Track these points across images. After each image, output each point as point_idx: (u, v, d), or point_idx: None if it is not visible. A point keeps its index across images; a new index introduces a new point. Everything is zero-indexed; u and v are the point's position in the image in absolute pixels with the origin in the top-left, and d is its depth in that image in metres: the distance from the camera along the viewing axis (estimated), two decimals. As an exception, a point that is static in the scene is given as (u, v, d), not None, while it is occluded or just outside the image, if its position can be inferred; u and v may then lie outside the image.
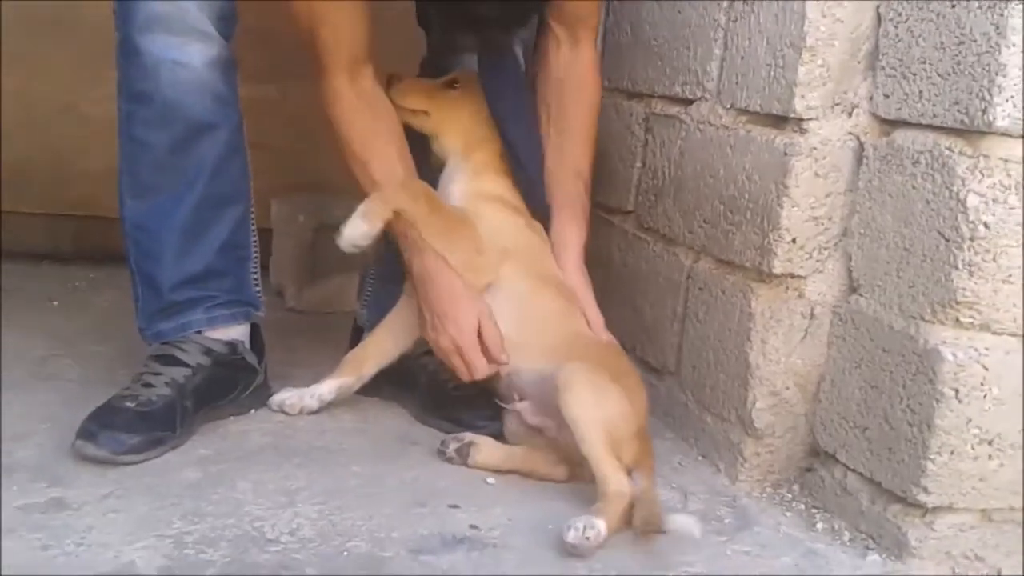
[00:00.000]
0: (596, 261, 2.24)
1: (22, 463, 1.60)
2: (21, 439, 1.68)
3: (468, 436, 1.74)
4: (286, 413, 1.86)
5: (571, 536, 1.46)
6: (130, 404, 1.67)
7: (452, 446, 1.73)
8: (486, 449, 1.73)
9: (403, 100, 1.85)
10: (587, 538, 1.46)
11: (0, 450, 1.62)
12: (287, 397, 1.87)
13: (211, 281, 1.82)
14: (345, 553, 1.43)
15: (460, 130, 1.86)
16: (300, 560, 1.40)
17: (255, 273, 1.91)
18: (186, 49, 1.71)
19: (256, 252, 1.92)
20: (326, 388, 1.87)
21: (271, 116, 1.86)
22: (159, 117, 1.74)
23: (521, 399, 1.74)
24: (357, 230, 1.71)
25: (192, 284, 1.81)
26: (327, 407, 1.89)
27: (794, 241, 1.67)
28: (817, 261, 1.69)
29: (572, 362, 1.64)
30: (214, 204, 1.81)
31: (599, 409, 1.59)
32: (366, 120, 1.77)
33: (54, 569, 1.33)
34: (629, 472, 1.57)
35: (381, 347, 1.88)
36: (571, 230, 1.85)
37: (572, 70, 1.87)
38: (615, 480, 1.54)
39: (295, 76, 1.90)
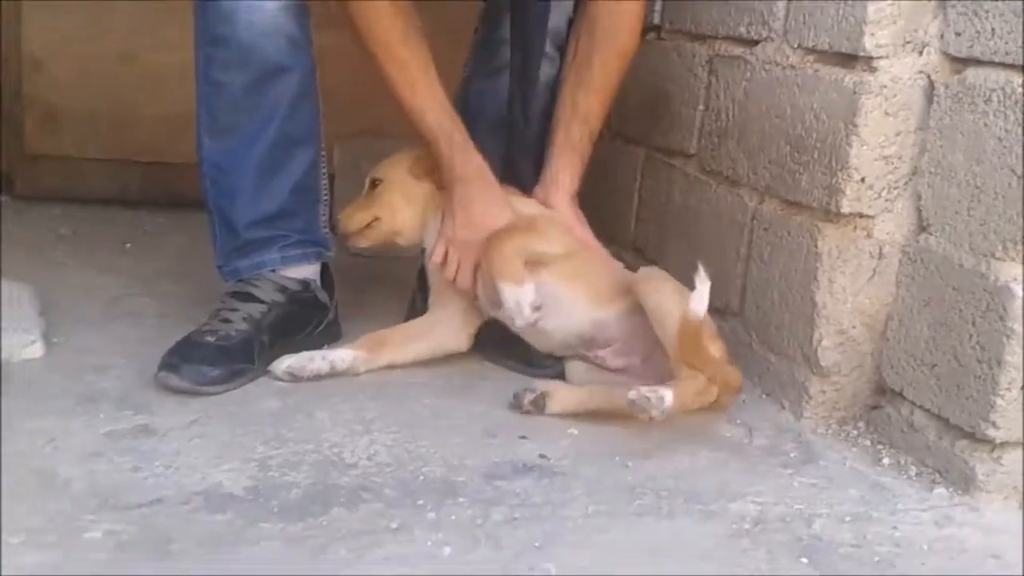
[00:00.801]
0: (657, 205, 2.26)
1: (106, 393, 1.67)
2: (103, 371, 1.75)
3: (540, 386, 1.73)
4: (295, 378, 1.75)
5: (632, 394, 1.54)
6: (210, 338, 1.73)
7: (527, 398, 1.70)
8: (560, 396, 1.71)
9: (350, 225, 1.91)
10: (647, 398, 1.54)
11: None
12: (293, 361, 1.76)
13: (284, 221, 1.87)
14: (421, 477, 1.48)
15: (409, 203, 1.90)
16: (379, 482, 1.45)
17: (325, 215, 1.96)
18: None
19: (326, 195, 1.96)
20: (338, 356, 1.79)
21: (333, 62, 1.89)
22: (236, 59, 1.78)
23: (605, 347, 1.78)
24: (519, 295, 1.74)
25: (266, 223, 1.86)
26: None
27: (863, 180, 1.67)
28: (886, 200, 1.69)
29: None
30: (287, 145, 1.85)
31: (678, 296, 1.65)
32: (406, 26, 1.78)
33: (145, 489, 1.39)
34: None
35: (399, 346, 1.85)
36: (565, 176, 1.89)
37: (608, 17, 1.87)
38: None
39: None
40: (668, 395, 1.54)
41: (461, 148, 1.83)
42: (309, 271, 1.91)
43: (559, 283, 1.80)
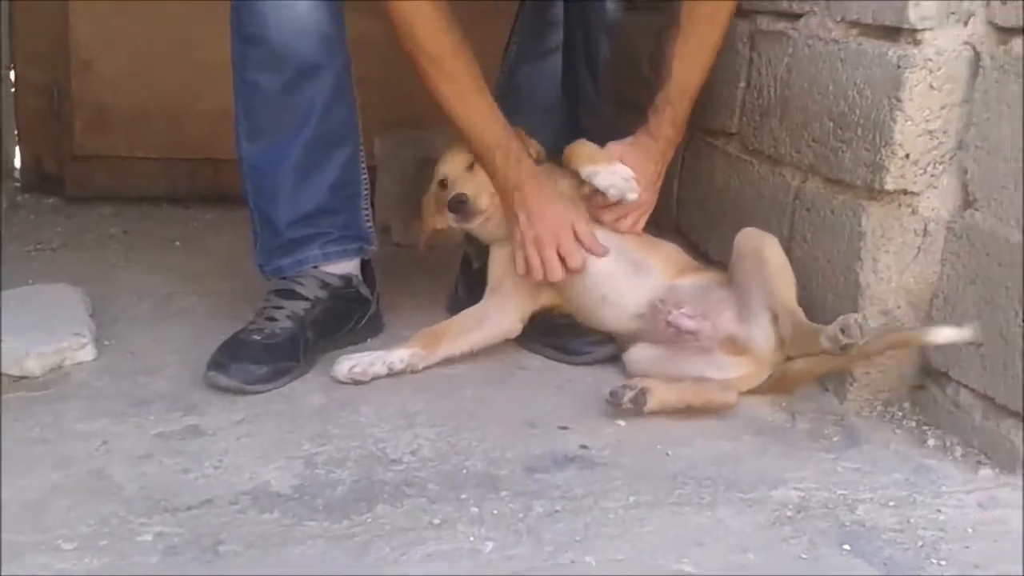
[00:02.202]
0: (698, 185, 2.24)
1: (158, 393, 1.71)
2: (155, 371, 1.79)
3: (639, 383, 1.69)
4: (357, 382, 1.75)
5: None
6: (256, 337, 1.77)
7: (627, 396, 1.65)
8: (660, 393, 1.67)
9: (481, 203, 1.86)
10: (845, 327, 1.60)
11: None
12: (355, 364, 1.76)
13: (324, 218, 1.89)
14: (464, 471, 1.50)
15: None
16: (422, 477, 1.47)
17: (366, 209, 1.97)
18: None
19: (367, 188, 1.97)
20: (396, 357, 1.79)
21: (370, 51, 1.89)
22: (269, 59, 1.79)
23: (676, 309, 1.80)
24: (614, 171, 1.83)
25: (306, 222, 1.88)
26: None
27: (907, 156, 1.63)
28: (931, 176, 1.65)
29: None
30: (325, 145, 1.86)
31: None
32: (455, 38, 1.77)
33: (195, 490, 1.43)
34: None
35: (455, 338, 1.85)
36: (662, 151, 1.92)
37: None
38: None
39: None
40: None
41: (516, 159, 1.82)
42: (350, 266, 1.93)
43: (639, 247, 1.87)
